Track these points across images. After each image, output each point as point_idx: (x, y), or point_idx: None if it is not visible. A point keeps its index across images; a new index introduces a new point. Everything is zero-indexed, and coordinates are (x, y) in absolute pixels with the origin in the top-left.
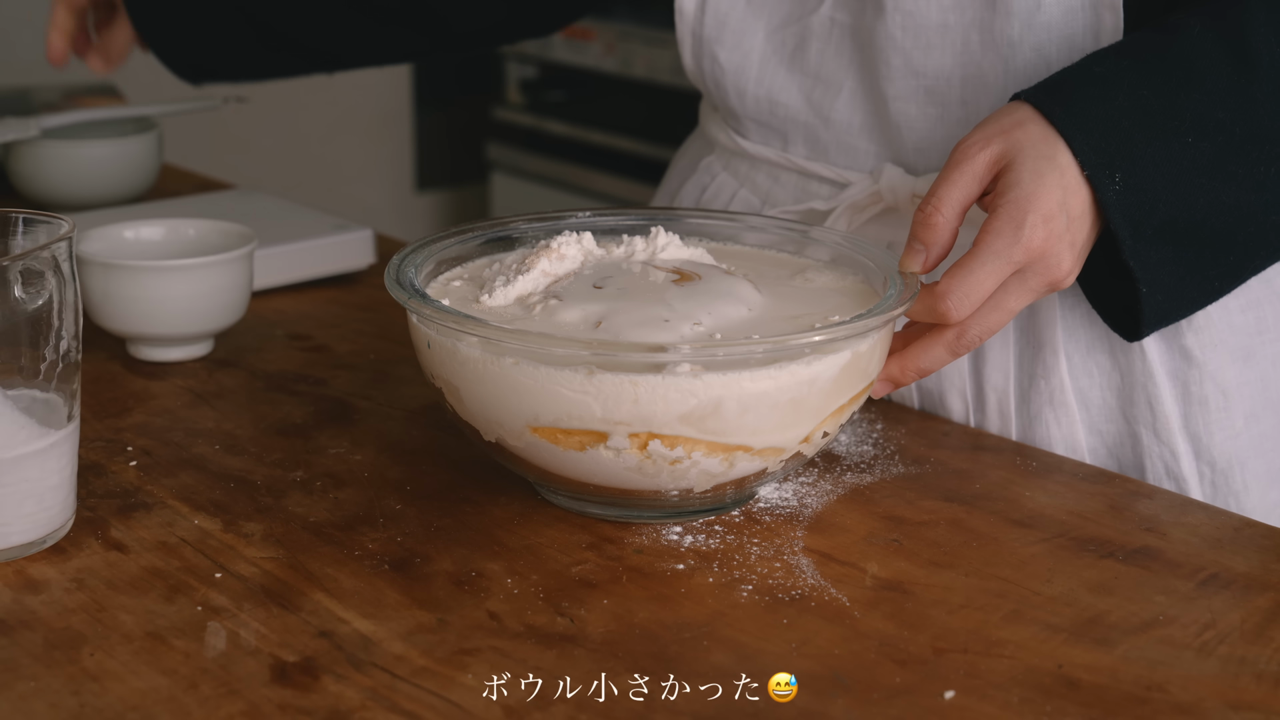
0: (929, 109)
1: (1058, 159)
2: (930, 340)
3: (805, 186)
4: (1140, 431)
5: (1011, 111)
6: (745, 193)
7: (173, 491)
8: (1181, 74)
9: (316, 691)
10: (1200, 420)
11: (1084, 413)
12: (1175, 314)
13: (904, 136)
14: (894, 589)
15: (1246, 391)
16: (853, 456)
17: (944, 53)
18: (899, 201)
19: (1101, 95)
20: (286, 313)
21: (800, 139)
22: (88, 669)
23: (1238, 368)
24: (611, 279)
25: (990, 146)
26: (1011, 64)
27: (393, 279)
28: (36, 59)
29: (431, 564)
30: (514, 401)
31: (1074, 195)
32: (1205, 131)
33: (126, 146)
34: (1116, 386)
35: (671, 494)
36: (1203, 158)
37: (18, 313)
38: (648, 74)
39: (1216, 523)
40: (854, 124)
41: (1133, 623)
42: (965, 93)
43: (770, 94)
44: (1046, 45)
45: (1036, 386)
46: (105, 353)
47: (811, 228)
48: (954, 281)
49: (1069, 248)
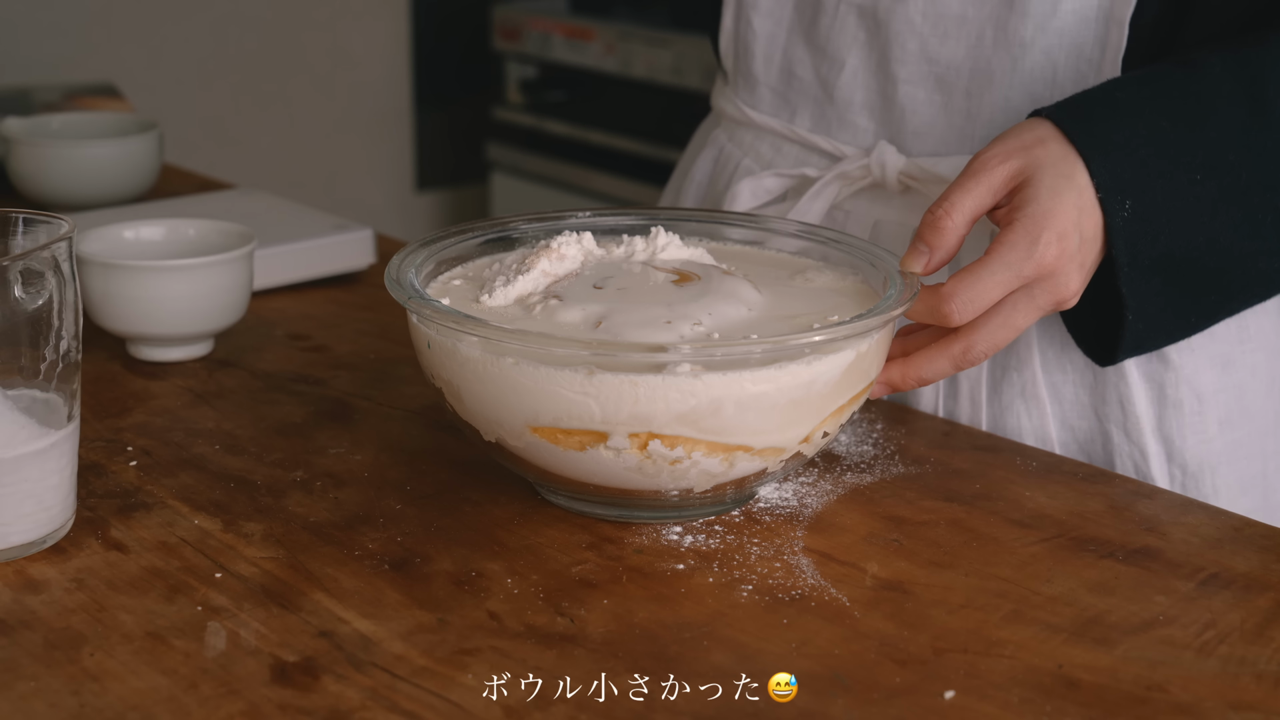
0: (935, 96)
1: (1076, 179)
2: (936, 351)
3: (805, 158)
4: (1110, 429)
5: (1032, 128)
6: (749, 162)
7: (173, 491)
8: (1200, 111)
9: (316, 691)
10: (1174, 423)
11: (1056, 407)
12: (1150, 345)
13: (906, 119)
14: (894, 589)
15: (1222, 398)
16: (853, 456)
17: (958, 43)
18: (887, 178)
19: (1123, 122)
20: (286, 313)
21: (808, 112)
22: (88, 669)
23: (1215, 373)
24: (611, 279)
25: (1009, 161)
26: (1020, 63)
27: (393, 279)
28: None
29: (431, 564)
30: (514, 401)
31: (1088, 216)
32: (1214, 171)
33: (126, 146)
34: (1089, 384)
35: (671, 494)
36: (1207, 196)
37: (18, 313)
38: (648, 74)
39: (1216, 523)
40: (854, 101)
41: (1133, 623)
42: (971, 85)
43: (790, 64)
44: (1055, 50)
45: (1009, 378)
46: (105, 353)
47: (816, 227)
48: (961, 286)
49: (1078, 268)
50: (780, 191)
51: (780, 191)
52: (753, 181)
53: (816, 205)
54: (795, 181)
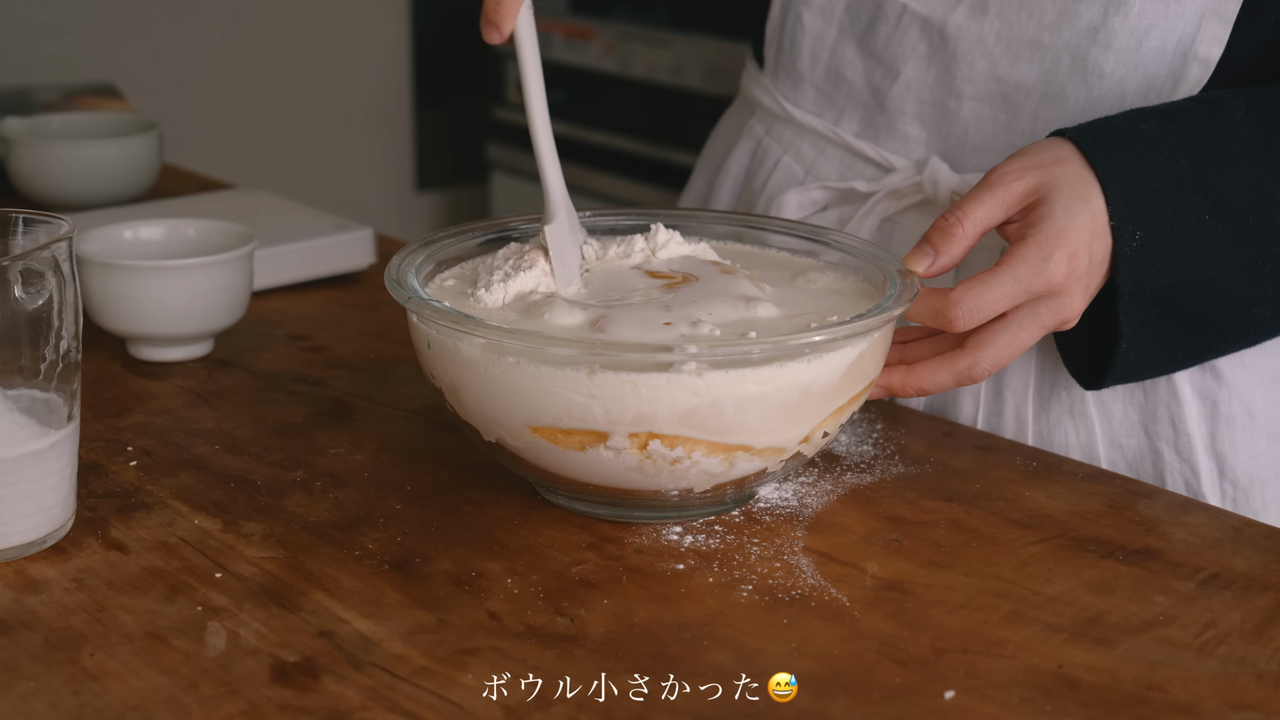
0: (1000, 114)
1: (1091, 203)
2: (940, 364)
3: (850, 164)
4: (1162, 448)
5: (1051, 147)
6: (789, 160)
7: (173, 491)
8: (1218, 152)
9: (316, 691)
10: (1226, 439)
11: (1104, 425)
12: (1136, 375)
13: (969, 134)
14: (894, 589)
15: (1272, 412)
16: (853, 456)
17: (1031, 66)
18: (939, 195)
19: (1142, 152)
20: (286, 313)
21: (855, 116)
22: (88, 669)
23: (1266, 389)
24: (611, 279)
25: (1026, 177)
26: (1094, 91)
27: (393, 279)
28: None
29: (431, 564)
30: (514, 402)
31: (1099, 241)
32: (1223, 213)
33: (126, 146)
34: (1139, 402)
35: (671, 494)
36: (1213, 237)
37: (18, 313)
38: (648, 74)
39: (1216, 523)
40: (905, 111)
41: (1133, 623)
42: (1040, 107)
43: (838, 66)
44: (1128, 80)
45: (1058, 396)
46: (105, 353)
47: (816, 228)
48: (969, 292)
49: (1083, 290)
50: (826, 203)
51: (826, 203)
52: (800, 193)
53: (868, 223)
54: (842, 193)
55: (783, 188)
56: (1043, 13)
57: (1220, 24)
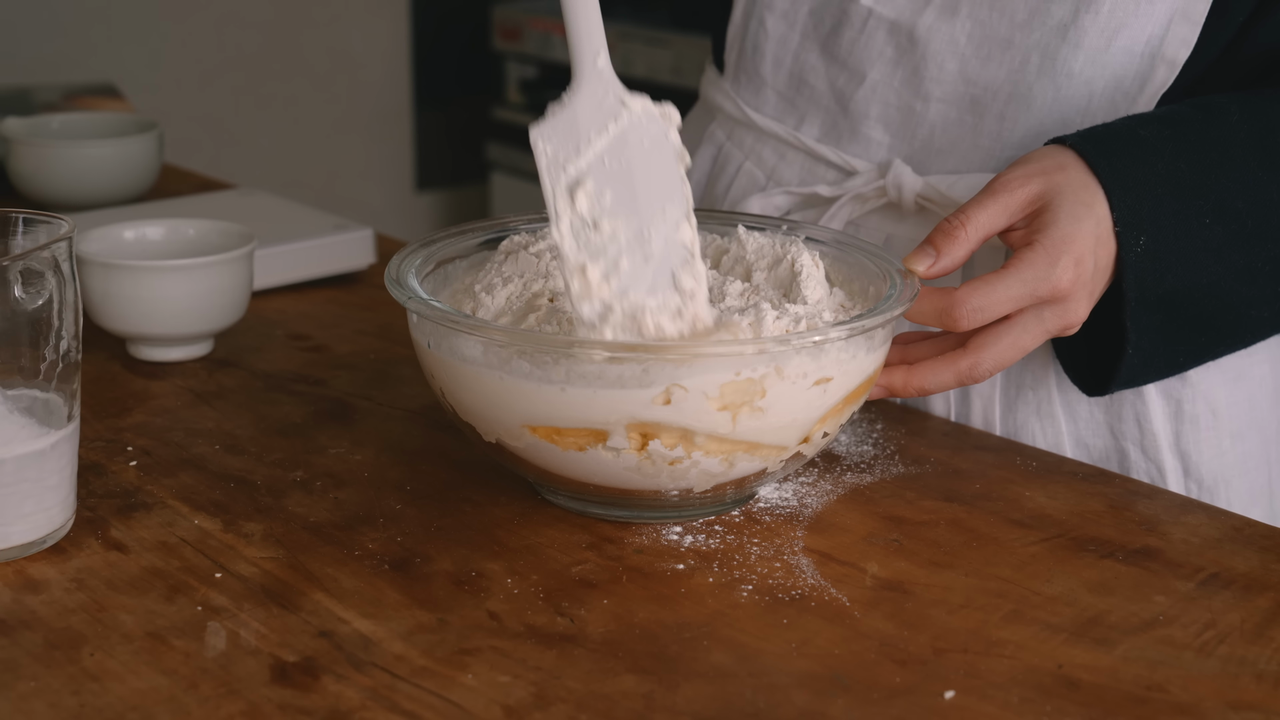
0: (967, 116)
1: (1096, 209)
2: (942, 364)
3: (812, 168)
4: (1127, 447)
5: (1053, 155)
6: (750, 165)
7: (173, 491)
8: (1216, 156)
9: (316, 691)
10: (1190, 438)
11: (1070, 425)
12: (1140, 380)
13: (934, 137)
14: (894, 589)
15: (1235, 411)
16: (853, 456)
17: (1000, 66)
18: (903, 199)
19: (1143, 158)
20: (286, 313)
21: (817, 121)
22: (88, 669)
23: (1229, 388)
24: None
25: (1030, 184)
26: (1062, 91)
27: (393, 279)
28: (37, 59)
29: (431, 564)
30: (513, 402)
31: (1104, 247)
32: (1223, 216)
33: (126, 146)
34: (1104, 402)
35: (671, 494)
36: (1214, 240)
37: (18, 313)
38: (648, 74)
39: (1216, 523)
40: (869, 115)
41: (1133, 623)
42: (1007, 108)
43: (802, 71)
44: (1096, 80)
45: (1024, 396)
46: (105, 353)
47: (811, 226)
48: (973, 293)
49: (1088, 296)
50: (789, 208)
51: (789, 208)
52: (762, 199)
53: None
54: (806, 198)
55: (745, 193)
56: (1014, 11)
57: (1188, 26)
